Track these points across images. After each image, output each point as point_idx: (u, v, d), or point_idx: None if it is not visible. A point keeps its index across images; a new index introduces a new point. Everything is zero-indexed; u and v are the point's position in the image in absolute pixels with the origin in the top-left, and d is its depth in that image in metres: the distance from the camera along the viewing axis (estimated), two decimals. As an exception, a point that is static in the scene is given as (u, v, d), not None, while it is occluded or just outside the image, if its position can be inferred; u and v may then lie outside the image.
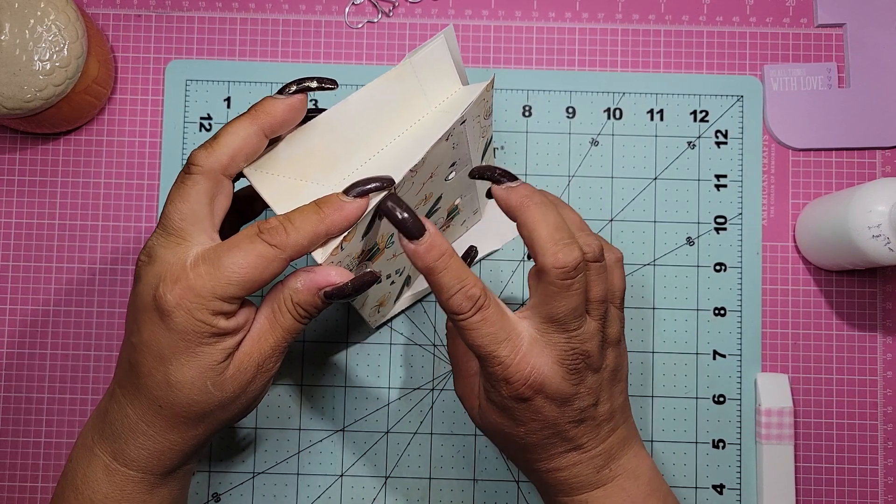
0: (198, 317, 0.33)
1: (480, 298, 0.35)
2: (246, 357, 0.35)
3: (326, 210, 0.34)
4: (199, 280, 0.33)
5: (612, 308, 0.38)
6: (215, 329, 0.33)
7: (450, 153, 0.39)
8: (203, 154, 0.35)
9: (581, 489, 0.37)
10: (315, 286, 0.35)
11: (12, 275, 0.49)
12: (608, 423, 0.37)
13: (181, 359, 0.34)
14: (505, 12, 0.51)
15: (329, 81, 0.37)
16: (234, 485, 0.48)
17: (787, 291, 0.49)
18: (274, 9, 0.51)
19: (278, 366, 0.37)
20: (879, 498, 0.48)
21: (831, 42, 0.51)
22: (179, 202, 0.35)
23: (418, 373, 0.49)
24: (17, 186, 0.50)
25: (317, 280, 0.35)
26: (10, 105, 0.44)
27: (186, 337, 0.33)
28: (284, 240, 0.34)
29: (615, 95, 0.50)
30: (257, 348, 0.35)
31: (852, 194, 0.43)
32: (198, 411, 0.35)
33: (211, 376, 0.34)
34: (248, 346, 0.35)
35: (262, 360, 0.35)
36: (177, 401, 0.34)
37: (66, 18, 0.44)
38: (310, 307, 0.35)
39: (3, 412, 0.49)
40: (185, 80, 0.50)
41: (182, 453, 0.36)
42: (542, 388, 0.35)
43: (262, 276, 0.34)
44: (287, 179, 0.37)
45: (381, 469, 0.48)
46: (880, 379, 0.49)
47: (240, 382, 0.35)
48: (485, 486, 0.48)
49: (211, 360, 0.34)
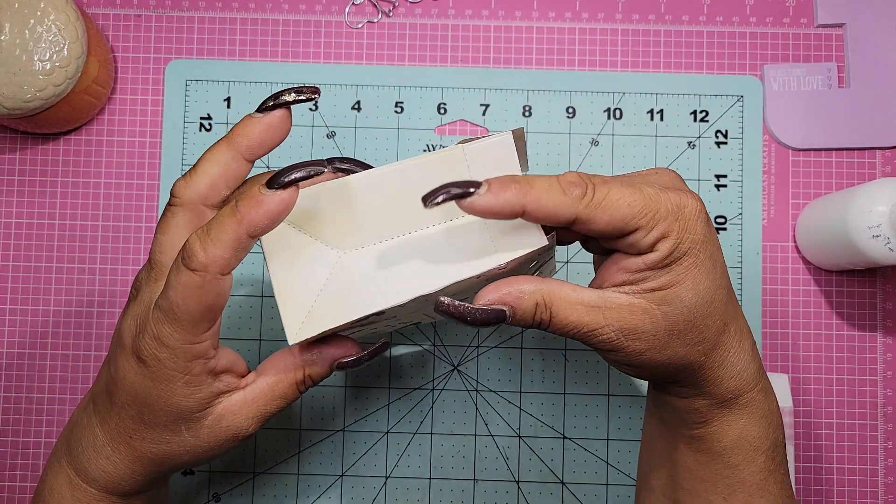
0: (170, 367, 0.32)
1: (582, 175, 0.31)
2: (230, 415, 0.34)
3: (243, 209, 0.30)
4: (158, 328, 0.31)
5: None
6: (192, 374, 0.32)
7: (480, 284, 0.34)
8: (182, 185, 0.34)
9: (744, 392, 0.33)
10: (332, 359, 0.34)
11: (12, 275, 0.49)
12: None
13: (158, 403, 0.33)
14: (505, 12, 0.51)
15: (309, 91, 0.33)
16: (234, 485, 0.48)
17: (787, 291, 0.49)
18: (274, 9, 0.51)
19: (255, 432, 0.35)
20: (879, 498, 0.48)
21: (831, 42, 0.51)
22: (160, 234, 0.34)
23: (418, 373, 0.49)
24: (17, 186, 0.50)
25: (334, 354, 0.34)
26: (9, 105, 0.44)
27: (165, 384, 0.32)
28: (203, 260, 0.30)
29: (615, 95, 0.50)
30: (246, 411, 0.34)
31: (852, 194, 0.43)
32: (168, 451, 0.34)
33: (186, 422, 0.33)
34: (236, 406, 0.34)
35: (248, 423, 0.34)
36: (148, 437, 0.33)
37: (66, 18, 0.44)
38: (318, 378, 0.35)
39: (3, 412, 0.49)
40: (185, 80, 0.50)
41: (143, 482, 0.35)
42: (701, 210, 0.31)
43: (203, 306, 0.31)
44: (295, 231, 0.33)
45: (381, 469, 0.48)
46: (880, 379, 0.49)
47: (216, 436, 0.34)
48: (485, 486, 0.48)
49: (187, 407, 0.33)
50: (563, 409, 0.48)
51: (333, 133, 0.50)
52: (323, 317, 0.32)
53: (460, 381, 0.49)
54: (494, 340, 0.49)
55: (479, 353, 0.49)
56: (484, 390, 0.49)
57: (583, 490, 0.48)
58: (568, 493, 0.48)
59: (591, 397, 0.48)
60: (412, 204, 0.33)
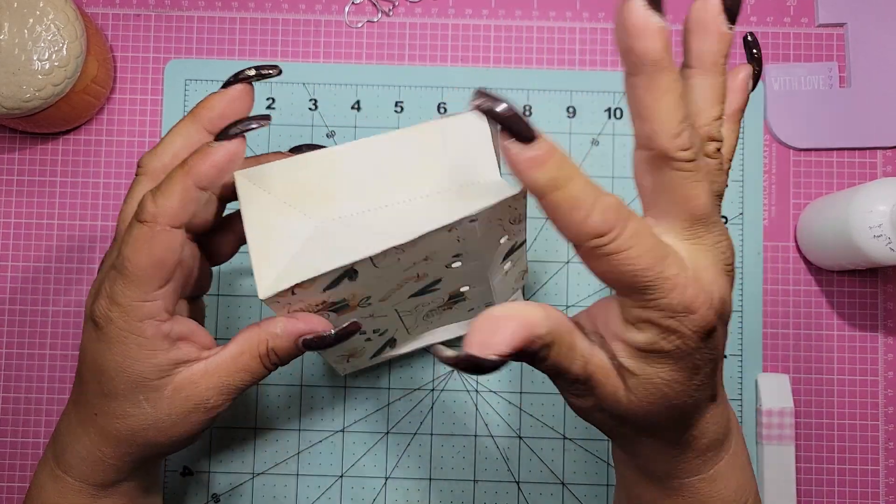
0: (122, 326, 0.32)
1: (623, 207, 0.26)
2: (190, 385, 0.33)
3: (191, 160, 0.31)
4: (111, 287, 0.32)
5: None
6: (144, 336, 0.32)
7: (453, 244, 0.34)
8: (147, 156, 0.35)
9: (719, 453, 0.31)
10: (296, 333, 0.33)
11: (11, 275, 0.49)
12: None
13: (114, 368, 0.32)
14: (505, 12, 0.51)
15: (269, 68, 0.34)
16: (234, 485, 0.48)
17: (788, 291, 0.49)
18: (274, 8, 0.51)
19: (225, 407, 0.35)
20: (881, 499, 0.48)
21: (832, 42, 0.50)
22: (124, 204, 0.35)
23: (418, 373, 0.49)
24: (17, 186, 0.50)
25: (298, 327, 0.33)
26: (8, 105, 0.44)
27: (118, 346, 0.32)
28: (153, 210, 0.30)
29: (615, 95, 0.50)
30: (206, 381, 0.33)
31: (853, 194, 0.43)
32: (130, 425, 0.33)
33: (144, 391, 0.33)
34: (197, 375, 0.33)
35: (210, 394, 0.33)
36: (110, 411, 0.33)
37: (65, 18, 0.44)
38: (284, 354, 0.34)
39: (3, 412, 0.49)
40: (185, 80, 0.50)
41: (116, 469, 0.35)
42: (724, 308, 0.28)
43: (153, 259, 0.31)
44: (274, 199, 0.34)
45: (381, 469, 0.48)
46: (881, 379, 0.49)
47: (177, 408, 0.33)
48: (485, 486, 0.48)
49: (142, 372, 0.32)
50: (563, 409, 0.48)
51: (333, 132, 0.50)
52: (295, 272, 0.32)
53: (460, 381, 0.49)
54: (494, 340, 0.49)
55: (480, 353, 0.49)
56: (484, 390, 0.49)
57: (583, 490, 0.48)
58: (568, 494, 0.48)
59: (591, 397, 0.48)
60: (391, 175, 0.34)
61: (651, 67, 0.26)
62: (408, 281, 0.36)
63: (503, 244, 0.37)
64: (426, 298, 0.39)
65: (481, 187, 0.34)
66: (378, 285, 0.35)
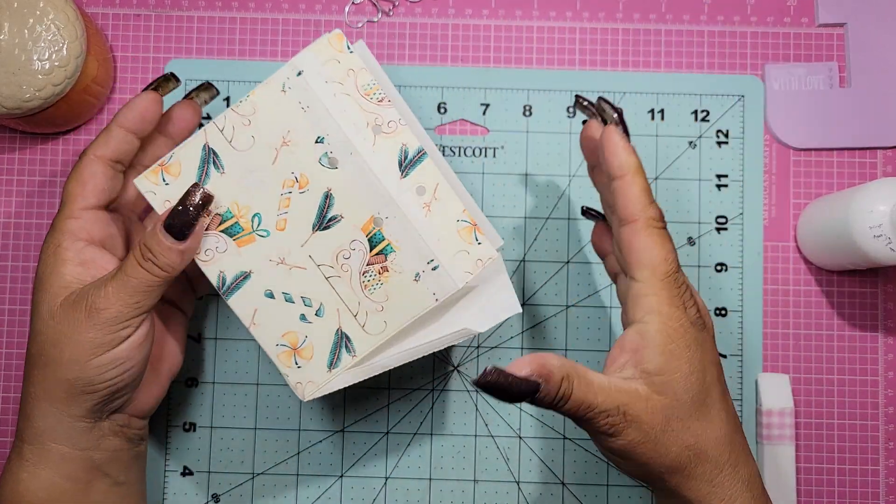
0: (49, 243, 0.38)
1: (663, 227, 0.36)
2: (89, 298, 0.36)
3: (118, 113, 0.40)
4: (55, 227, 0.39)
5: None
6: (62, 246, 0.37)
7: (298, 115, 0.38)
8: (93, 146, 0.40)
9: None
10: (158, 220, 0.36)
11: (11, 275, 0.49)
12: None
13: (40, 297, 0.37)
14: (505, 12, 0.51)
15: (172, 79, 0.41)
16: (233, 485, 0.48)
17: (788, 291, 0.49)
18: (274, 8, 0.51)
19: (144, 331, 0.37)
20: (881, 499, 0.48)
21: (832, 42, 0.50)
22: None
23: (418, 373, 0.49)
24: (17, 186, 0.50)
25: (159, 216, 0.37)
26: (9, 105, 0.44)
27: (41, 268, 0.38)
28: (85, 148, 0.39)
29: (615, 95, 0.50)
30: (102, 294, 0.36)
31: (853, 194, 0.43)
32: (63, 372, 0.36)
33: (45, 302, 0.37)
34: (93, 289, 0.36)
35: (106, 304, 0.36)
36: (44, 361, 0.37)
37: (66, 18, 0.44)
38: (153, 247, 0.36)
39: (3, 412, 0.49)
40: (185, 80, 0.50)
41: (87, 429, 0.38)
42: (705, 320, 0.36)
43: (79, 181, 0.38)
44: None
45: (381, 469, 0.48)
46: (881, 379, 0.49)
47: (68, 319, 0.36)
48: (485, 486, 0.48)
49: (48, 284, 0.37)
50: (563, 409, 0.48)
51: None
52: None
53: (460, 381, 0.49)
54: (494, 341, 0.49)
55: (479, 353, 0.49)
56: (484, 390, 0.49)
57: (583, 490, 0.48)
58: (568, 494, 0.48)
59: (591, 397, 0.48)
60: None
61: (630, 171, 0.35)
62: (283, 192, 0.38)
63: (367, 131, 0.39)
64: (338, 239, 0.39)
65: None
66: (255, 188, 0.38)
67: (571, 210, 0.49)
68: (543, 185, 0.50)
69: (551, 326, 0.49)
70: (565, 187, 0.50)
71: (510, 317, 0.41)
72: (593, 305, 0.49)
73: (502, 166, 0.50)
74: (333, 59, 0.38)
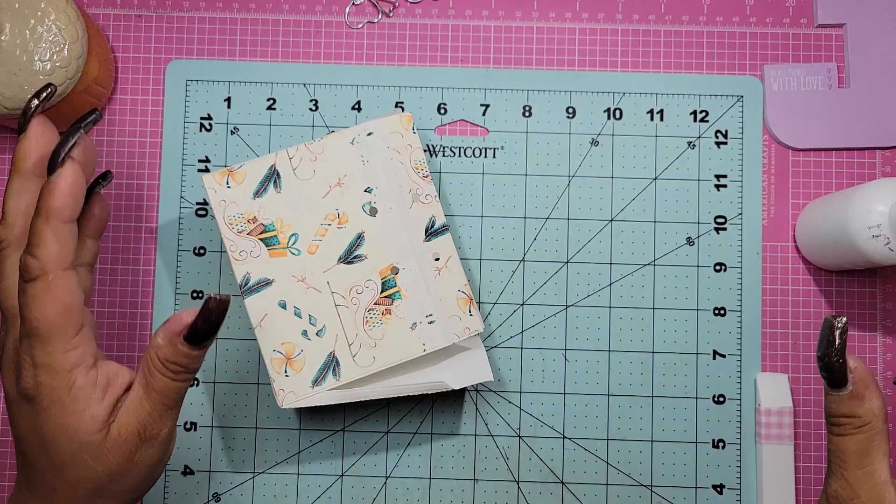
0: (53, 385, 0.32)
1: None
2: (123, 428, 0.34)
3: (42, 205, 0.32)
4: (31, 354, 0.32)
5: None
6: (76, 387, 0.33)
7: (358, 165, 0.44)
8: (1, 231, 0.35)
9: None
10: (173, 334, 0.33)
11: (12, 275, 0.49)
12: None
13: (56, 433, 0.33)
14: (505, 12, 0.51)
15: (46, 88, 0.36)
16: (234, 485, 0.48)
17: (787, 291, 0.49)
18: (274, 9, 0.51)
19: (168, 430, 0.35)
20: (879, 498, 0.48)
21: (831, 42, 0.51)
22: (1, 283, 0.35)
23: (418, 373, 0.49)
24: (18, 186, 0.50)
25: (171, 327, 0.33)
26: (10, 105, 0.44)
27: (55, 408, 0.32)
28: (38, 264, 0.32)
29: (615, 95, 0.50)
30: (134, 416, 0.34)
31: (852, 194, 0.43)
32: (90, 487, 0.34)
33: (88, 450, 0.33)
34: (123, 417, 0.34)
35: (142, 427, 0.34)
36: (66, 480, 0.33)
37: (67, 18, 0.44)
38: (177, 359, 0.34)
39: (3, 412, 0.49)
40: (186, 80, 0.50)
41: None
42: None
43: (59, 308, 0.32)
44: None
45: (381, 469, 0.48)
46: (880, 379, 0.49)
47: (122, 453, 0.34)
48: (485, 486, 0.48)
49: (82, 428, 0.33)
50: (563, 409, 0.48)
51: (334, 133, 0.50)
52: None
53: (460, 380, 0.49)
54: (494, 341, 0.49)
55: (479, 353, 0.49)
56: (484, 390, 0.49)
57: (583, 490, 0.48)
58: (568, 493, 0.48)
59: (591, 397, 0.49)
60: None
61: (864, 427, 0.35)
62: (330, 221, 0.44)
63: (408, 197, 0.45)
64: (357, 275, 0.44)
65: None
66: (301, 212, 0.43)
67: (571, 210, 0.50)
68: (543, 185, 0.50)
69: (551, 326, 0.49)
70: (565, 187, 0.50)
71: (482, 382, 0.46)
72: (593, 305, 0.49)
73: (502, 167, 0.50)
74: (398, 133, 0.45)
